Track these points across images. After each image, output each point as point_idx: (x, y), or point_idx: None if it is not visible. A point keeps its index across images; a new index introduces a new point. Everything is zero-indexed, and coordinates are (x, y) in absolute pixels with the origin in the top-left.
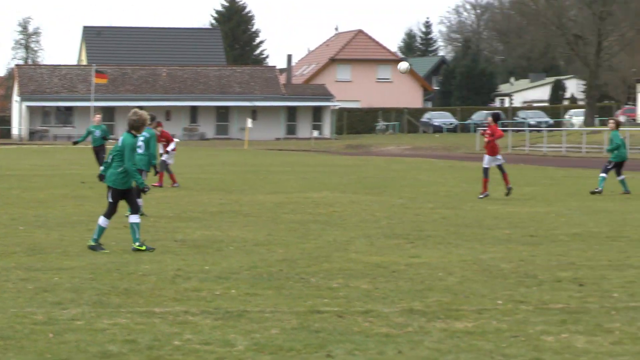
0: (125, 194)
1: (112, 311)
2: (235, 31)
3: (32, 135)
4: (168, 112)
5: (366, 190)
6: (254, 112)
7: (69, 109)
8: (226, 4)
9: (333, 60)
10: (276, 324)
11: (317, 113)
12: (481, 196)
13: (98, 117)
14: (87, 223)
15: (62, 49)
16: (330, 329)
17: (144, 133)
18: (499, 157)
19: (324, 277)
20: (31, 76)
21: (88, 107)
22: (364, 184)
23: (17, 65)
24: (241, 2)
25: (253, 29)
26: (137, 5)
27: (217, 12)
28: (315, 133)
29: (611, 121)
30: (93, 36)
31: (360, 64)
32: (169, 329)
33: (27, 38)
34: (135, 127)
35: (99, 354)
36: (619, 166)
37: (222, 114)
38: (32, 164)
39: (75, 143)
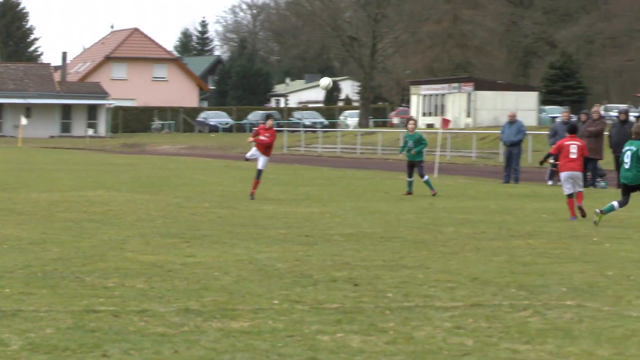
0: None
1: None
2: (9, 27)
3: None
4: None
5: (142, 189)
6: (28, 110)
7: None
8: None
9: (108, 59)
10: (51, 323)
11: (92, 111)
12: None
13: None
14: None
15: None
16: (105, 329)
17: None
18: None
19: (99, 276)
20: None
21: None
22: (140, 182)
23: None
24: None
25: (27, 26)
26: None
27: None
28: (90, 131)
29: (412, 122)
30: None
31: (136, 62)
32: None
33: None
34: None
35: None
36: (412, 167)
37: None
38: None
39: None
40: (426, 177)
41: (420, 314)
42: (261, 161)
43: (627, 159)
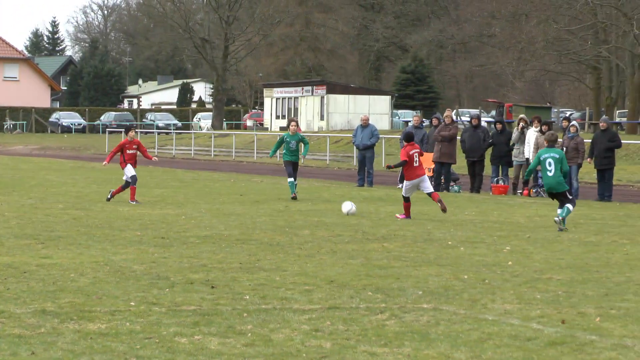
0: None
1: None
2: None
3: None
4: None
5: None
6: None
7: None
8: None
9: None
10: None
11: None
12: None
13: None
14: None
15: None
16: None
17: None
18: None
19: None
20: None
21: None
22: None
23: None
24: None
25: None
26: None
27: None
28: None
29: (293, 123)
30: None
31: None
32: None
33: None
34: None
35: None
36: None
37: None
38: None
39: None
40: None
41: (278, 316)
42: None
43: (549, 166)
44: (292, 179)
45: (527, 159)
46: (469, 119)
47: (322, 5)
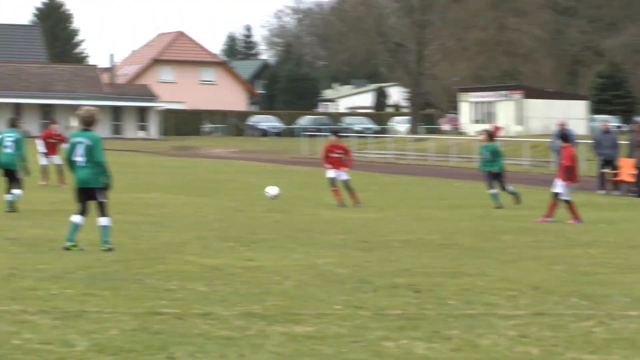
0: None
1: None
2: (55, 29)
3: None
4: None
5: (197, 192)
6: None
7: None
8: (46, 1)
9: (156, 61)
10: (115, 324)
11: (142, 113)
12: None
13: None
14: None
15: None
16: (170, 331)
17: (15, 134)
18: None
19: (160, 278)
20: None
21: None
22: (194, 185)
23: None
24: (60, 0)
25: (72, 27)
26: None
27: (37, 9)
28: (142, 133)
29: (495, 129)
30: None
31: (183, 65)
32: (7, 327)
33: None
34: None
35: None
36: (494, 177)
37: (47, 111)
38: None
39: None
40: (510, 188)
41: (484, 321)
42: (344, 174)
43: None
44: (493, 190)
45: None
46: None
47: (515, 9)
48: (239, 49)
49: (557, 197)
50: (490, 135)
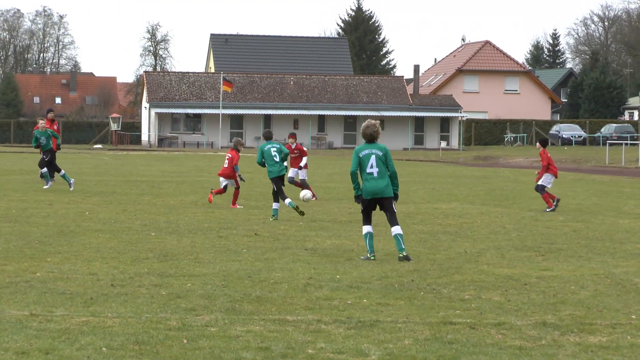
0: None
1: (245, 318)
2: (361, 41)
3: (161, 141)
4: (296, 121)
5: (495, 202)
6: (381, 122)
7: (197, 116)
8: (352, 13)
9: (460, 71)
10: (409, 334)
11: (444, 124)
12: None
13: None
14: (218, 230)
15: (190, 56)
16: (463, 341)
17: (276, 144)
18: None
19: (455, 288)
20: (160, 83)
21: (217, 115)
22: (493, 195)
23: (145, 72)
24: (368, 12)
25: (380, 39)
26: (263, 14)
27: (344, 21)
28: (443, 144)
29: None
30: (221, 44)
31: (487, 75)
32: (302, 337)
33: (156, 45)
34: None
35: None
36: None
37: (350, 123)
38: (162, 170)
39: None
40: None
41: None
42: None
43: None
44: None
45: None
46: None
47: None
48: (544, 57)
49: None
50: None
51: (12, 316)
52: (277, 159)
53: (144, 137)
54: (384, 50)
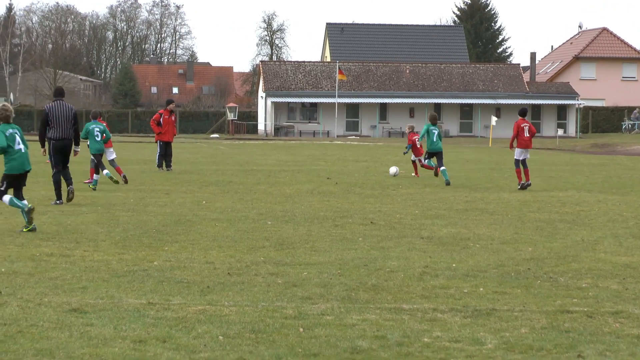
0: None
1: (360, 307)
2: (477, 28)
3: (278, 131)
4: (411, 110)
5: (613, 190)
6: (497, 110)
7: (313, 105)
8: (468, 1)
9: (577, 59)
10: (525, 322)
11: (561, 111)
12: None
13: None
14: (334, 219)
15: (305, 46)
16: (580, 329)
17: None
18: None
19: (572, 276)
20: (276, 72)
21: (333, 104)
22: (610, 183)
23: (262, 61)
24: (483, 0)
25: (495, 27)
26: (378, 2)
27: (459, 9)
28: (560, 132)
29: None
30: (336, 33)
31: (604, 62)
32: (418, 325)
33: (272, 34)
34: None
35: (349, 349)
36: None
37: (466, 111)
38: (278, 159)
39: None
40: None
41: None
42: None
43: None
44: None
45: None
46: None
47: None
48: None
49: None
50: None
51: (130, 304)
52: (99, 138)
53: (260, 127)
54: (500, 38)
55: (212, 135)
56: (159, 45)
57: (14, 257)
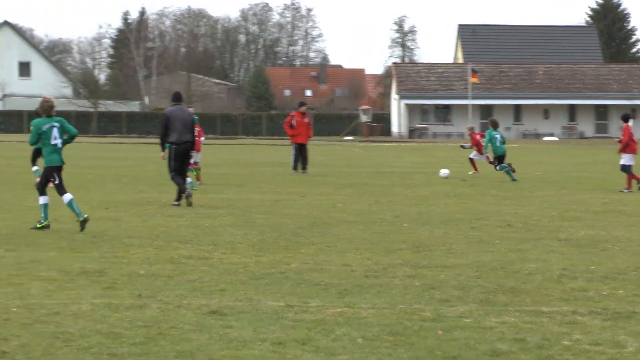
0: None
1: (499, 309)
2: (610, 29)
3: (412, 133)
4: (546, 111)
5: None
6: (633, 111)
7: (447, 107)
8: (601, 1)
9: None
10: None
11: None
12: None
13: None
14: (470, 221)
15: (437, 47)
16: None
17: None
18: None
19: None
20: (408, 74)
21: (466, 105)
22: None
23: (394, 63)
24: (616, 0)
25: (629, 27)
26: (509, 3)
27: (592, 9)
28: None
29: None
30: (468, 34)
31: None
32: (557, 328)
33: (403, 36)
34: None
35: (488, 352)
36: None
37: (601, 112)
38: (412, 161)
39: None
40: None
41: None
42: None
43: None
44: None
45: None
46: None
47: None
48: None
49: None
50: None
51: (269, 307)
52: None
53: (394, 129)
54: (633, 38)
55: (345, 138)
56: (290, 47)
57: (153, 260)
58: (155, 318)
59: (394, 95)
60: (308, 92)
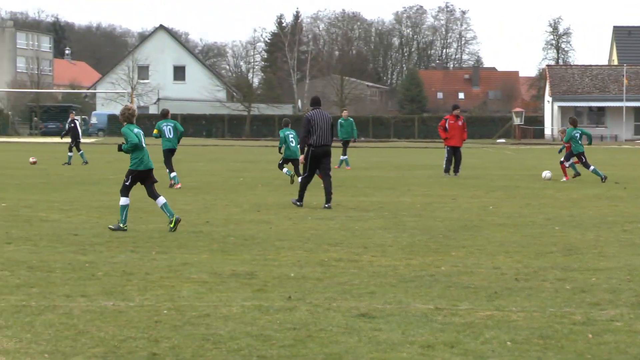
0: None
1: None
2: None
3: None
4: None
5: None
6: None
7: (601, 109)
8: None
9: None
10: None
11: None
12: None
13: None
14: (622, 224)
15: (592, 49)
16: None
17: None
18: None
19: None
20: (562, 76)
21: (620, 108)
22: None
23: (548, 65)
24: None
25: None
26: None
27: None
28: None
29: None
30: (624, 36)
31: None
32: None
33: (558, 38)
34: None
35: (639, 356)
36: None
37: None
38: None
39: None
40: None
41: None
42: None
43: None
44: None
45: None
46: None
47: None
48: None
49: None
50: None
51: (418, 310)
52: (294, 143)
53: (547, 131)
54: None
55: (498, 140)
56: (444, 50)
57: (303, 262)
58: (304, 320)
59: (547, 98)
60: (461, 95)
